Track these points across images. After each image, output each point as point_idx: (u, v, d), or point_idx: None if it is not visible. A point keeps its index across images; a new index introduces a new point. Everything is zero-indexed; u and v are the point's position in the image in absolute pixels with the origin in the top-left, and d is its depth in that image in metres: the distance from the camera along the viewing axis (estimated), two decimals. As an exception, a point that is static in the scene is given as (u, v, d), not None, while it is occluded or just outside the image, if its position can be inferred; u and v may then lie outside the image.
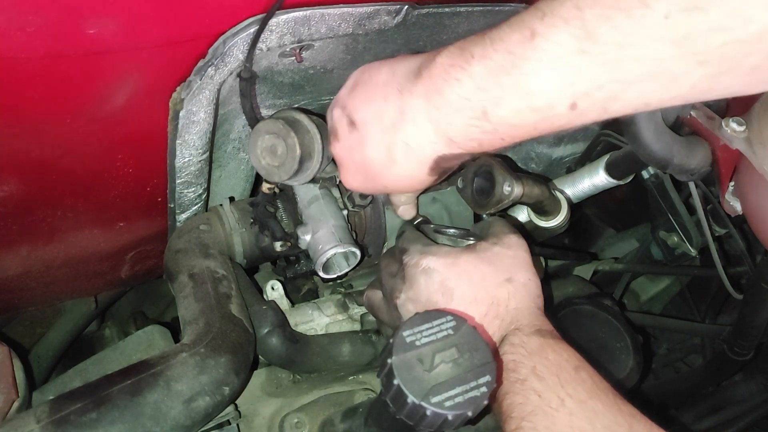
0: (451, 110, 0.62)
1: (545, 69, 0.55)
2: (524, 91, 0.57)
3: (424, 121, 0.65)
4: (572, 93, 0.56)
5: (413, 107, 0.65)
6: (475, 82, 0.59)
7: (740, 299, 1.19)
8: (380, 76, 0.70)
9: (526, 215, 1.03)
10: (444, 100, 0.62)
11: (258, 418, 0.94)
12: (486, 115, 0.60)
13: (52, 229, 0.97)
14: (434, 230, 0.89)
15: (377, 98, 0.69)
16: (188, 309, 0.83)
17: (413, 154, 0.68)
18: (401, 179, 0.72)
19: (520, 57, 0.56)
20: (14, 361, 0.88)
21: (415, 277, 0.75)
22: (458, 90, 0.60)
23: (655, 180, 1.22)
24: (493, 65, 0.58)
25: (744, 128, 0.88)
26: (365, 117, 0.70)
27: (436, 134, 0.65)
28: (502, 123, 0.60)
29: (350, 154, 0.74)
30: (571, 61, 0.54)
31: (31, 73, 0.69)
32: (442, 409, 0.56)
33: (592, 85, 0.55)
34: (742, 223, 1.10)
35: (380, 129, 0.69)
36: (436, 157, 0.67)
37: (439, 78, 0.62)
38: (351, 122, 0.72)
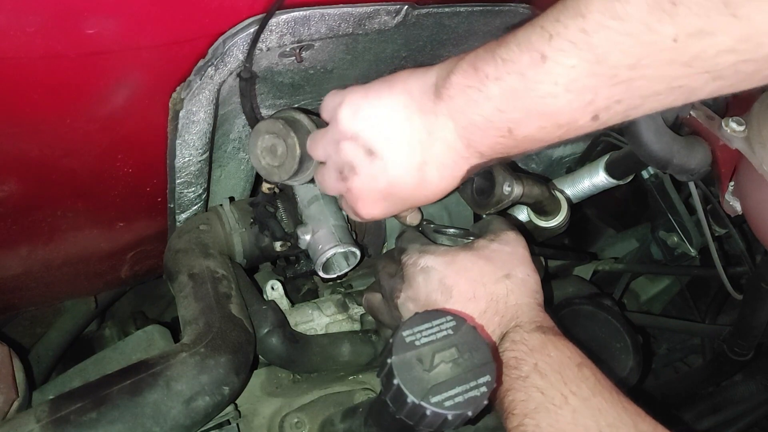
0: (477, 130, 0.63)
1: (562, 92, 0.56)
2: (546, 112, 0.59)
3: (455, 139, 0.65)
4: (593, 109, 0.57)
5: (441, 127, 0.65)
6: (494, 104, 0.60)
7: (740, 299, 1.19)
8: (392, 97, 0.68)
9: (526, 215, 1.03)
10: (469, 121, 0.63)
11: (258, 417, 0.94)
12: (511, 133, 0.61)
13: (52, 229, 0.97)
14: (434, 230, 0.89)
15: (398, 120, 0.67)
16: (188, 309, 0.83)
17: (447, 170, 0.68)
18: (433, 194, 0.72)
19: (534, 80, 0.57)
20: (14, 361, 0.88)
21: (414, 276, 0.75)
22: (480, 111, 0.61)
23: (655, 180, 1.23)
24: (507, 87, 0.58)
25: (744, 128, 0.89)
26: (386, 143, 0.68)
27: (467, 149, 0.66)
28: (528, 139, 0.62)
29: (373, 183, 0.71)
30: (585, 82, 0.55)
31: (31, 73, 0.69)
32: (442, 408, 0.56)
33: (612, 100, 0.56)
34: (741, 223, 1.10)
35: (407, 152, 0.67)
36: (468, 168, 0.68)
37: (459, 98, 0.63)
38: (369, 152, 0.69)
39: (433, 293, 0.73)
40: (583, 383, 0.60)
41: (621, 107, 0.57)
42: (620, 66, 0.53)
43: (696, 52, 0.50)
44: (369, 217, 0.76)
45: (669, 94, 0.55)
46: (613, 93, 0.55)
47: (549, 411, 0.59)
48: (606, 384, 0.61)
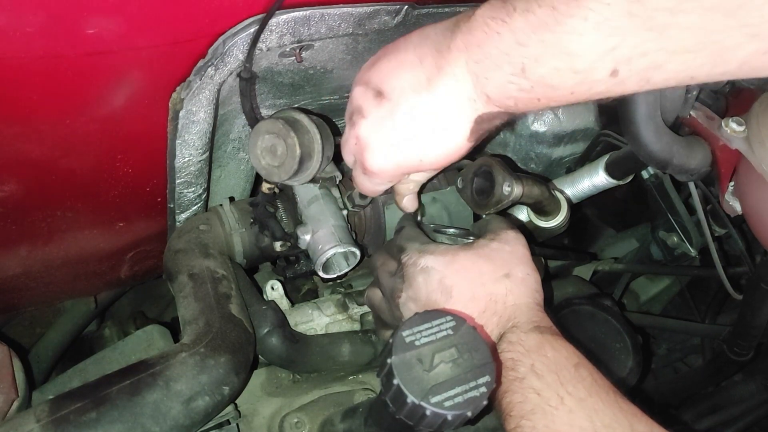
0: (491, 64, 0.59)
1: (590, 29, 0.52)
2: (566, 51, 0.54)
3: (464, 74, 0.61)
4: (614, 58, 0.53)
5: (452, 61, 0.62)
6: (516, 36, 0.56)
7: (740, 299, 1.19)
8: (409, 43, 0.67)
9: (525, 215, 1.03)
10: (483, 54, 0.59)
11: (258, 417, 0.94)
12: (524, 71, 0.57)
13: (51, 229, 0.97)
14: (434, 229, 0.89)
15: (409, 62, 0.65)
16: (188, 309, 0.83)
17: (454, 113, 0.64)
18: (440, 145, 0.67)
19: (565, 14, 0.53)
20: (14, 361, 0.88)
21: (414, 277, 0.75)
22: (498, 44, 0.57)
23: (655, 180, 1.23)
24: (535, 20, 0.55)
25: (743, 128, 0.89)
26: (396, 84, 0.66)
27: (475, 89, 0.62)
28: (540, 82, 0.58)
29: (380, 127, 0.68)
30: (617, 23, 0.51)
31: (31, 73, 0.69)
32: (442, 409, 0.56)
33: (637, 51, 0.52)
34: (741, 223, 1.10)
35: (415, 91, 0.64)
36: (476, 117, 0.64)
37: (478, 31, 0.59)
38: (378, 93, 0.67)
39: (433, 293, 0.73)
40: (580, 384, 0.60)
41: (643, 62, 0.53)
42: (659, 8, 0.49)
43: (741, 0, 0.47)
44: (376, 168, 0.71)
45: (699, 51, 0.51)
46: (642, 40, 0.51)
47: (545, 412, 0.59)
48: (603, 384, 0.61)
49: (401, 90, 0.66)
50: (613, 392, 0.61)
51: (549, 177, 1.19)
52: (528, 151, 1.26)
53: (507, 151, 1.24)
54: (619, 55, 0.53)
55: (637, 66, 0.54)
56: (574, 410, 0.58)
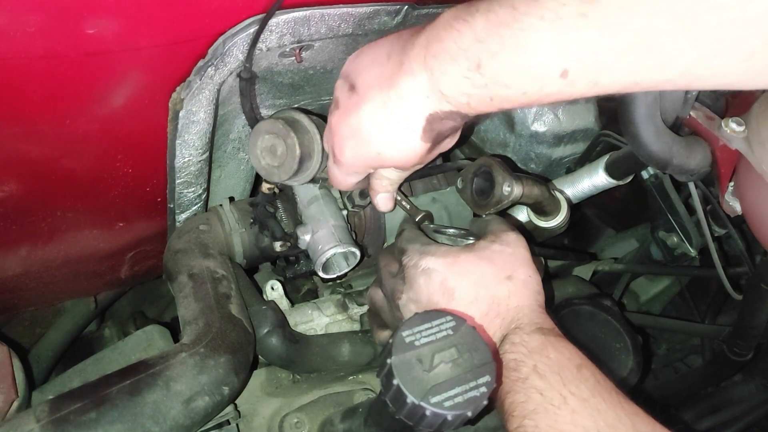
0: (448, 58, 0.61)
1: (545, 27, 0.55)
2: (520, 46, 0.56)
3: (421, 70, 0.64)
4: (566, 56, 0.55)
5: (412, 57, 0.64)
6: (476, 33, 0.59)
7: (740, 300, 1.19)
8: (386, 40, 0.70)
9: (525, 215, 1.03)
10: (442, 48, 0.61)
11: (257, 418, 0.94)
12: (480, 67, 0.59)
13: (51, 229, 0.97)
14: (434, 230, 0.89)
15: (381, 58, 0.68)
16: (188, 309, 0.83)
17: (405, 108, 0.66)
18: (395, 142, 0.69)
19: (523, 12, 0.56)
20: (14, 361, 0.88)
21: (415, 278, 0.75)
22: (457, 39, 0.60)
23: (655, 180, 1.23)
24: (495, 18, 0.57)
25: (743, 128, 0.89)
26: (366, 78, 0.69)
27: (430, 84, 0.64)
28: (494, 79, 0.59)
29: (347, 119, 0.71)
30: (570, 22, 0.54)
31: (31, 73, 0.69)
32: (442, 409, 0.56)
33: (588, 50, 0.54)
34: (741, 223, 1.10)
35: (378, 85, 0.67)
36: (428, 114, 0.66)
37: (440, 28, 0.62)
38: (351, 86, 0.71)
39: (435, 295, 0.73)
40: (582, 384, 0.60)
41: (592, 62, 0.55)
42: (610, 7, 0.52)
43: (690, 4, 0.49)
44: (342, 158, 0.74)
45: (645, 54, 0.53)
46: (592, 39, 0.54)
47: (548, 412, 0.59)
48: (606, 384, 0.61)
49: (369, 85, 0.68)
50: (616, 393, 0.61)
51: (549, 177, 1.19)
52: (528, 151, 1.26)
53: (507, 151, 1.24)
54: (570, 54, 0.55)
55: (586, 65, 0.55)
56: (577, 410, 0.58)
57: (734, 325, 1.26)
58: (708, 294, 1.61)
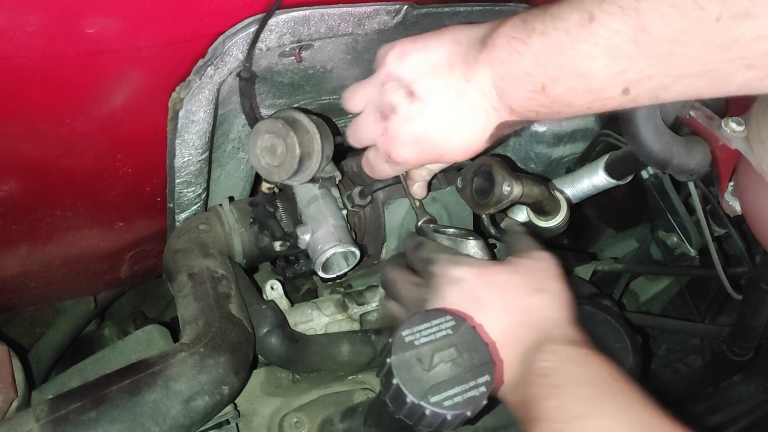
0: (514, 81, 0.64)
1: (601, 54, 0.57)
2: (580, 73, 0.59)
3: (490, 89, 0.67)
4: (625, 79, 0.58)
5: (479, 75, 0.67)
6: (535, 57, 0.61)
7: (739, 300, 1.19)
8: (441, 45, 0.70)
9: (525, 215, 1.03)
10: (507, 71, 0.64)
11: (257, 417, 0.94)
12: (544, 89, 0.62)
13: (51, 228, 0.97)
14: (434, 230, 0.89)
15: (441, 67, 0.70)
16: (187, 309, 0.83)
17: (478, 120, 0.69)
18: (461, 146, 0.72)
19: (578, 39, 0.58)
20: (13, 361, 0.88)
21: (444, 287, 0.74)
22: (519, 63, 0.63)
23: (655, 180, 1.23)
24: (551, 43, 0.60)
25: (743, 128, 0.89)
26: (429, 86, 0.70)
27: (500, 101, 0.67)
28: (558, 99, 0.63)
29: (408, 125, 0.72)
30: (624, 49, 0.56)
31: (30, 73, 0.69)
32: (441, 408, 0.56)
33: (644, 74, 0.57)
34: (741, 223, 1.10)
35: (445, 97, 0.70)
36: (498, 123, 0.69)
37: (502, 49, 0.64)
38: (410, 93, 0.71)
39: (464, 304, 0.71)
40: (621, 395, 0.60)
41: (651, 84, 0.57)
42: (661, 38, 0.54)
43: (735, 35, 0.51)
44: (401, 159, 0.77)
45: (701, 77, 0.55)
46: (647, 65, 0.56)
47: (583, 419, 0.58)
48: (643, 398, 0.60)
49: (432, 93, 0.70)
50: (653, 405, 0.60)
51: (549, 177, 1.19)
52: (528, 151, 1.26)
53: (507, 151, 1.24)
54: (628, 78, 0.58)
55: (645, 86, 0.58)
56: (613, 417, 0.58)
57: (734, 325, 1.26)
58: (708, 294, 1.61)
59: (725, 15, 0.50)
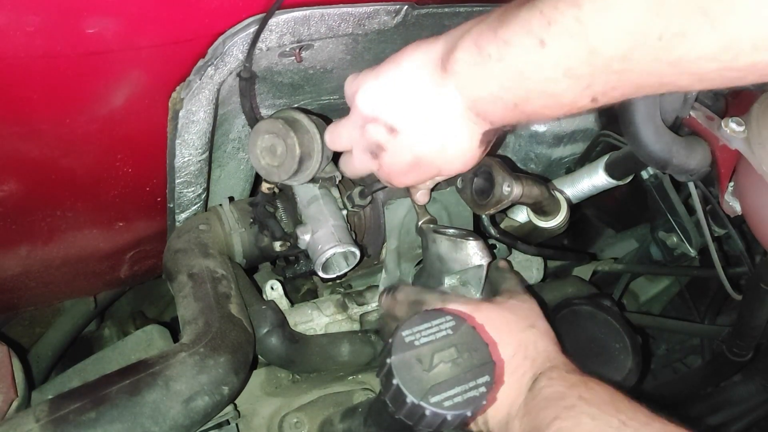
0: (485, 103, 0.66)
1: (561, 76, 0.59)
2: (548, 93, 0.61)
3: (465, 110, 0.68)
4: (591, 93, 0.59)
5: (450, 100, 0.68)
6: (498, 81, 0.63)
7: (739, 300, 1.19)
8: (403, 75, 0.71)
9: (525, 215, 1.03)
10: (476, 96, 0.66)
11: (257, 417, 0.94)
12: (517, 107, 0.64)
13: (51, 228, 0.97)
14: (434, 230, 0.89)
15: (411, 96, 0.70)
16: (187, 309, 0.83)
17: (464, 139, 0.71)
18: (457, 158, 0.74)
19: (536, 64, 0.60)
20: (13, 361, 0.88)
21: None
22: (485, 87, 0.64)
23: (655, 180, 1.23)
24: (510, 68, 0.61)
25: (743, 128, 0.89)
26: (406, 118, 0.71)
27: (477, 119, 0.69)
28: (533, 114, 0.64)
29: (401, 157, 0.74)
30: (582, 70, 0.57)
31: (30, 73, 0.69)
32: (441, 408, 0.56)
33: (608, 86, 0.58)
34: (741, 223, 1.10)
35: (426, 123, 0.71)
36: (481, 134, 0.71)
37: (464, 75, 0.66)
38: (391, 129, 0.72)
39: None
40: (639, 412, 0.61)
41: (617, 93, 0.59)
42: (613, 57, 0.55)
43: (679, 54, 0.52)
44: (401, 185, 0.80)
45: (660, 88, 0.57)
46: (609, 80, 0.57)
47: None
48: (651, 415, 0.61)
49: (412, 123, 0.71)
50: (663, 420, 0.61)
51: (549, 177, 1.19)
52: (528, 151, 1.26)
53: (507, 152, 1.24)
54: (594, 91, 0.59)
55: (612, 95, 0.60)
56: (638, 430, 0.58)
57: (734, 326, 1.26)
58: (707, 294, 1.61)
59: (666, 34, 0.51)
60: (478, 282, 0.88)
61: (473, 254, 0.86)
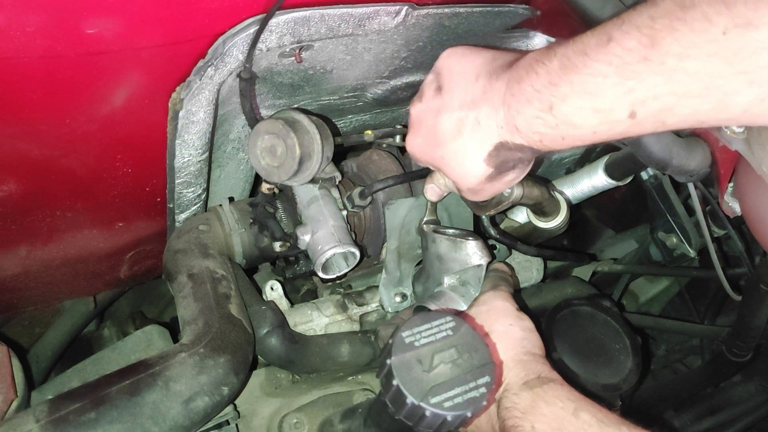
0: (524, 99, 0.65)
1: (612, 72, 0.58)
2: (589, 91, 0.60)
3: (499, 104, 0.68)
4: (632, 100, 0.58)
5: (494, 90, 0.69)
6: (550, 77, 0.63)
7: (739, 300, 1.19)
8: (480, 58, 0.73)
9: (525, 216, 1.03)
10: (520, 89, 0.66)
11: (257, 418, 0.94)
12: (551, 109, 0.63)
13: (51, 228, 0.97)
14: (434, 230, 0.89)
15: (470, 75, 0.72)
16: (187, 309, 0.83)
17: (479, 132, 0.71)
18: (460, 155, 0.73)
19: (592, 58, 0.59)
20: (13, 361, 0.87)
21: None
22: (534, 82, 0.64)
23: (654, 181, 1.23)
24: (568, 63, 0.61)
25: (743, 129, 0.88)
26: (453, 87, 0.74)
27: (506, 119, 0.68)
28: (565, 120, 0.63)
29: (426, 115, 0.76)
30: (635, 67, 0.57)
31: (30, 73, 0.69)
32: (442, 409, 0.56)
33: (650, 94, 0.57)
34: (740, 224, 1.10)
35: (461, 102, 0.72)
36: (497, 142, 0.70)
37: (522, 69, 0.66)
38: (439, 87, 0.75)
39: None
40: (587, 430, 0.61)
41: (657, 105, 0.58)
42: (669, 53, 0.55)
43: (738, 46, 0.52)
44: (409, 147, 0.80)
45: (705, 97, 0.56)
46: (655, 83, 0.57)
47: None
48: (610, 419, 0.61)
49: (453, 95, 0.73)
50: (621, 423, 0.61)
51: (549, 178, 1.19)
52: (527, 151, 1.25)
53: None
54: (635, 98, 0.58)
55: (650, 108, 0.58)
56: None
57: (733, 326, 1.26)
58: (707, 295, 1.61)
59: (730, 26, 0.51)
60: (477, 282, 0.88)
61: (473, 254, 0.87)
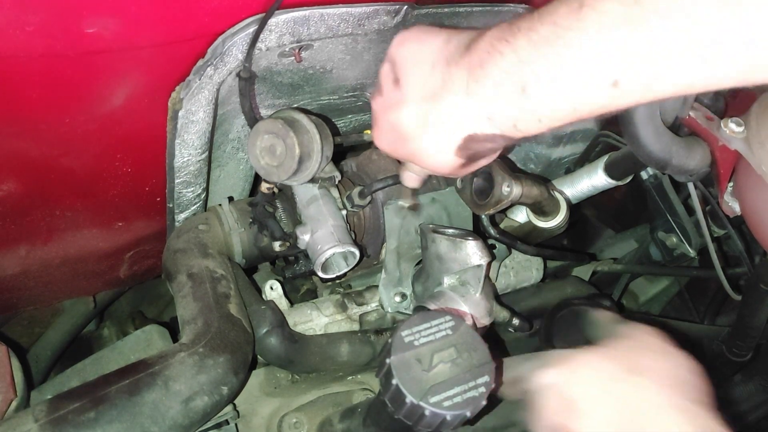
0: (490, 84, 0.59)
1: (589, 40, 0.52)
2: (566, 63, 0.54)
3: (463, 94, 0.62)
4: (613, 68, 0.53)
5: (454, 78, 0.63)
6: (518, 55, 0.56)
7: (739, 300, 1.19)
8: (434, 42, 0.67)
9: (525, 216, 1.03)
10: (484, 73, 0.60)
11: (256, 417, 0.94)
12: (525, 90, 0.57)
13: (50, 228, 0.97)
14: (433, 230, 0.89)
15: (425, 64, 0.67)
16: (187, 309, 0.83)
17: (445, 125, 0.65)
18: (429, 150, 0.68)
19: (565, 27, 0.53)
20: (12, 361, 0.88)
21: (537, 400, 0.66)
22: (500, 63, 0.58)
23: (654, 181, 1.23)
24: (537, 37, 0.55)
25: (743, 129, 0.88)
26: (410, 79, 0.68)
27: (473, 109, 0.62)
28: (541, 100, 0.57)
29: (387, 112, 0.70)
30: (616, 32, 0.51)
31: (30, 72, 0.69)
32: (441, 409, 0.56)
33: (636, 57, 0.52)
34: (740, 223, 1.10)
35: (420, 95, 0.66)
36: (467, 135, 0.64)
37: (483, 51, 0.60)
38: (396, 80, 0.69)
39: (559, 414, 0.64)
40: None
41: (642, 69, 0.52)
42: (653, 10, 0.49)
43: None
44: (378, 145, 0.75)
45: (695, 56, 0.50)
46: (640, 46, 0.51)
47: None
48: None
49: (412, 87, 0.68)
50: None
51: (548, 177, 1.19)
52: (527, 151, 1.26)
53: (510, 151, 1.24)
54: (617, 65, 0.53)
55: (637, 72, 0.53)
56: None
57: (733, 326, 1.26)
58: (707, 294, 1.61)
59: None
60: (477, 282, 0.88)
61: (472, 254, 0.87)
